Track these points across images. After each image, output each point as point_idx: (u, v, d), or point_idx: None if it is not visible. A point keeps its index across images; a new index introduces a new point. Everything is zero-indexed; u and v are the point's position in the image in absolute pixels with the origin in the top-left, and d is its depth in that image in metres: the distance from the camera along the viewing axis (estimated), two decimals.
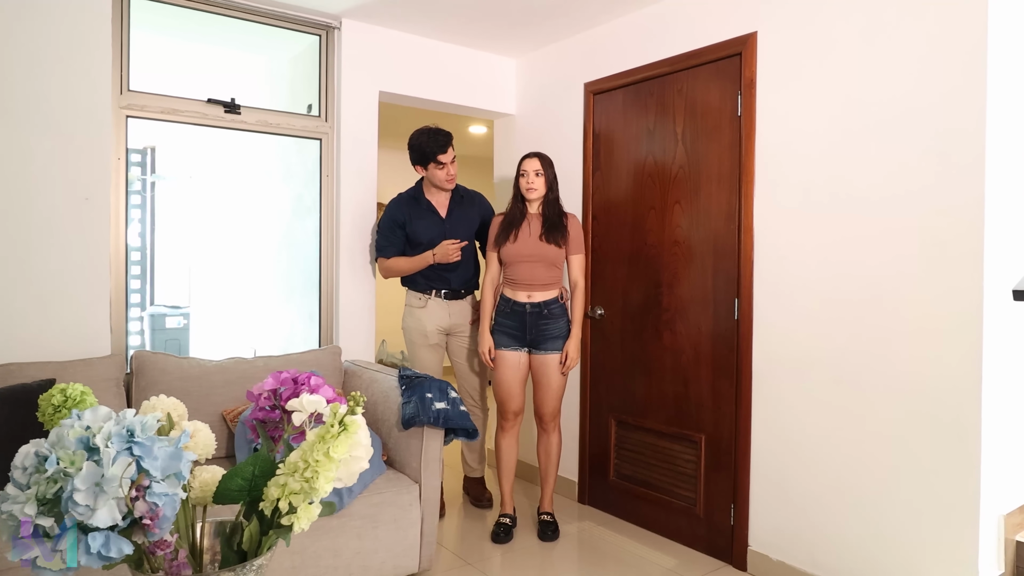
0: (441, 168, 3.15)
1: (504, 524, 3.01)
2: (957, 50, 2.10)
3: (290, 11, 3.16)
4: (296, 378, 1.21)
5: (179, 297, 6.33)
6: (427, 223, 3.23)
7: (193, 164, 5.74)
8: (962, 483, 2.09)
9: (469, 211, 3.34)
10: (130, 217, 6.98)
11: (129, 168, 7.07)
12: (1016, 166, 2.19)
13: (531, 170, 2.93)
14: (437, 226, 3.24)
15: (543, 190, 2.94)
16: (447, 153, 3.14)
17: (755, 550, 2.67)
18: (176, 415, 1.17)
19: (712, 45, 2.81)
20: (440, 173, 3.16)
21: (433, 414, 2.50)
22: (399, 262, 3.22)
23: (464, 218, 3.31)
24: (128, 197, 2.84)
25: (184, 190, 6.07)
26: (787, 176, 2.57)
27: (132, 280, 6.72)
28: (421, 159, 3.16)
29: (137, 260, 6.72)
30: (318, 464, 0.92)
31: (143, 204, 6.71)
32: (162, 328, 6.33)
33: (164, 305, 6.44)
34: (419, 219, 3.23)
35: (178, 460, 0.91)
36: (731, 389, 2.75)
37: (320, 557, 2.28)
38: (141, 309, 6.70)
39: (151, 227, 6.64)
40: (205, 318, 5.86)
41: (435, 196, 3.28)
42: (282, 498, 0.93)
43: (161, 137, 6.20)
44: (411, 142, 3.17)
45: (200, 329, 5.96)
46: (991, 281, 2.07)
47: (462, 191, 3.36)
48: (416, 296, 3.28)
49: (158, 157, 6.52)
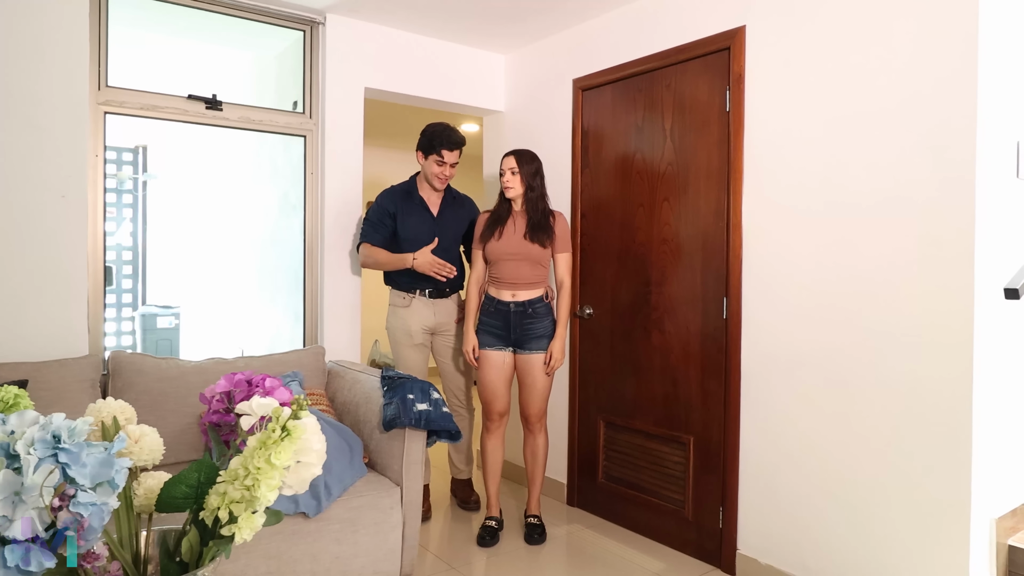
0: (440, 164, 3.12)
1: (490, 527, 2.96)
2: (948, 44, 2.05)
3: (273, 6, 3.11)
4: (251, 380, 1.17)
5: (170, 297, 6.28)
6: (417, 219, 3.18)
7: (183, 163, 5.69)
8: (953, 486, 2.04)
9: (460, 213, 3.29)
10: (122, 216, 6.89)
11: (120, 167, 6.96)
12: (1008, 162, 2.14)
13: (507, 168, 2.91)
14: (427, 223, 3.19)
15: (520, 188, 2.90)
16: (452, 153, 3.12)
17: (744, 554, 2.62)
18: (123, 419, 1.12)
19: (700, 39, 2.76)
20: (436, 169, 3.13)
21: (415, 415, 2.45)
22: (380, 253, 3.14)
23: (455, 219, 3.26)
24: (106, 195, 2.79)
25: (174, 189, 6.02)
26: (776, 172, 2.52)
27: (124, 280, 6.67)
28: (427, 147, 3.13)
29: (129, 260, 6.67)
30: (259, 472, 0.87)
31: (135, 203, 6.65)
32: (153, 328, 6.28)
33: (156, 305, 6.39)
34: (410, 214, 3.18)
35: (110, 467, 0.86)
36: (720, 389, 2.70)
37: (298, 562, 2.22)
38: (133, 309, 6.65)
39: (143, 226, 6.59)
40: (195, 318, 5.81)
41: (428, 193, 3.23)
42: (221, 507, 0.88)
43: (153, 136, 6.15)
44: (425, 129, 3.16)
45: (190, 329, 5.91)
46: (982, 279, 2.02)
47: (454, 193, 3.32)
48: (400, 295, 3.23)
49: (150, 156, 6.48)
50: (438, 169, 3.13)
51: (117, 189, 6.40)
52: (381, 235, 3.16)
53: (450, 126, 3.13)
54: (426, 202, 3.22)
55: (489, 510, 3.04)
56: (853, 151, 2.28)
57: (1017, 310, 2.18)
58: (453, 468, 3.44)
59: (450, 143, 3.09)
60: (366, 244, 3.16)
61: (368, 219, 3.19)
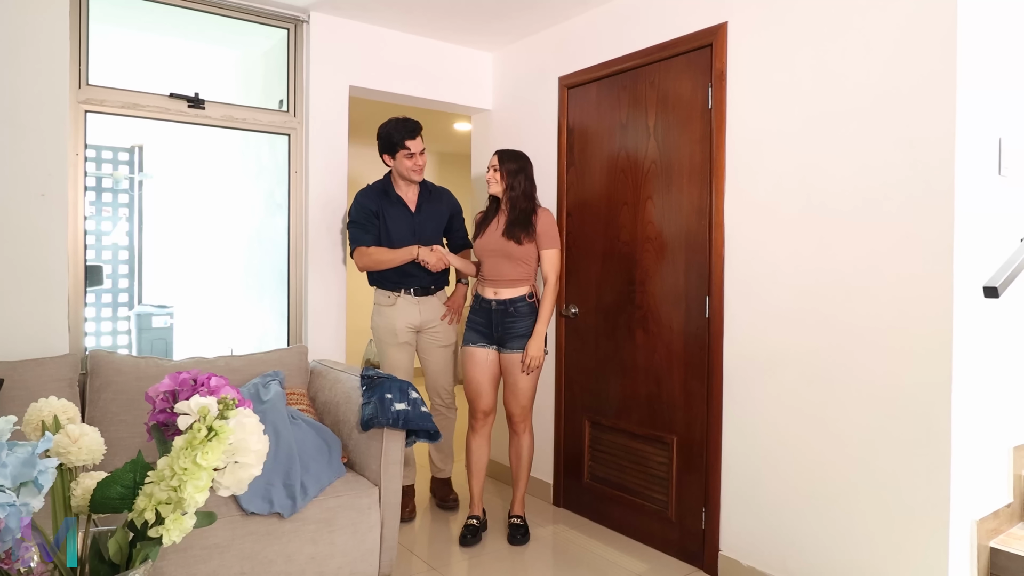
0: (410, 157, 3.06)
1: (472, 526, 2.95)
2: (927, 41, 2.02)
3: (257, 4, 3.09)
4: (196, 378, 1.15)
5: (165, 296, 6.28)
6: (396, 217, 3.16)
7: (176, 162, 5.69)
8: (931, 487, 2.01)
9: (438, 206, 3.27)
10: (118, 216, 6.88)
11: (116, 167, 6.95)
12: (990, 159, 2.11)
13: (490, 166, 2.94)
14: (406, 219, 3.17)
15: (501, 186, 2.91)
16: (416, 141, 3.06)
17: (726, 555, 2.59)
18: (65, 418, 1.11)
19: (683, 36, 2.74)
20: (408, 163, 3.07)
21: (392, 415, 2.43)
22: (381, 252, 3.08)
23: (433, 213, 3.24)
24: (86, 193, 2.78)
25: (168, 188, 6.02)
26: (757, 170, 2.49)
27: (120, 279, 6.67)
28: (389, 147, 3.08)
29: (125, 259, 6.67)
30: (185, 472, 0.86)
31: (130, 203, 6.66)
32: (149, 327, 6.28)
33: (151, 304, 6.39)
34: (388, 213, 3.15)
35: (32, 467, 0.84)
36: (702, 389, 2.68)
37: (272, 563, 2.21)
38: (128, 308, 6.65)
39: (139, 226, 6.59)
40: (187, 317, 5.81)
41: (404, 190, 3.19)
42: (147, 508, 0.87)
43: (148, 136, 6.15)
44: (380, 131, 3.10)
45: (183, 328, 5.91)
46: (962, 277, 1.99)
47: (430, 186, 3.29)
48: (386, 295, 3.20)
49: (146, 155, 6.47)
50: (410, 162, 3.07)
51: (113, 189, 6.41)
52: (372, 235, 3.12)
53: (400, 118, 3.08)
54: (403, 199, 3.18)
55: (472, 509, 3.02)
56: (832, 149, 2.26)
57: (997, 308, 2.15)
58: (432, 467, 3.42)
59: (410, 132, 3.04)
60: (360, 248, 3.10)
61: (354, 222, 3.13)
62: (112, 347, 6.04)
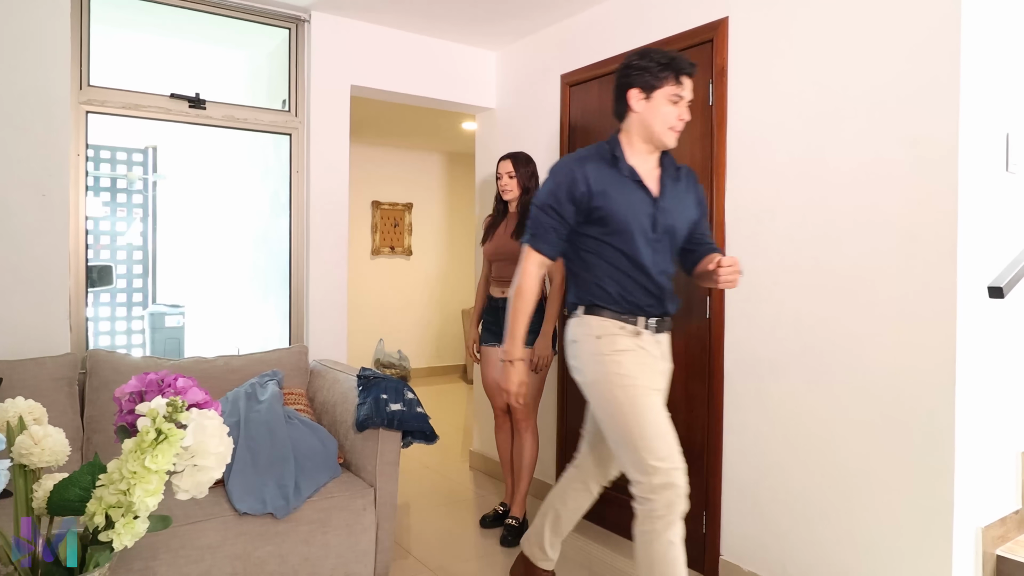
0: (677, 100, 1.96)
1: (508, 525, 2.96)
2: (932, 35, 1.97)
3: (258, 4, 3.10)
4: (163, 379, 1.14)
5: (177, 296, 6.34)
6: (630, 199, 1.97)
7: (187, 163, 5.74)
8: (935, 493, 1.95)
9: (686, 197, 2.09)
10: (132, 216, 6.96)
11: (131, 168, 7.03)
12: (997, 155, 2.05)
13: (504, 172, 2.95)
14: (645, 206, 1.98)
15: (517, 191, 2.95)
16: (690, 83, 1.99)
17: (727, 559, 2.55)
18: (31, 418, 1.10)
19: (684, 32, 2.69)
20: (671, 111, 1.96)
21: (387, 416, 2.42)
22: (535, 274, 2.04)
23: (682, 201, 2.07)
24: (87, 193, 2.80)
25: (180, 189, 6.08)
26: (759, 167, 2.44)
27: (135, 279, 6.74)
28: (652, 78, 1.94)
29: (139, 259, 6.74)
30: (134, 476, 0.84)
31: (144, 203, 6.73)
32: (162, 327, 6.34)
33: (164, 304, 6.45)
34: (618, 191, 1.97)
35: None
36: (703, 391, 2.63)
37: (265, 563, 2.21)
38: (143, 308, 6.72)
39: (153, 226, 6.66)
40: (199, 317, 5.86)
41: (641, 161, 2.02)
42: (97, 512, 0.85)
43: (162, 137, 6.21)
44: (631, 60, 1.99)
45: (194, 328, 5.97)
46: (966, 277, 1.93)
47: (674, 161, 2.14)
48: (618, 325, 1.99)
49: (159, 157, 6.54)
50: (673, 111, 1.96)
51: (128, 189, 6.48)
52: (558, 236, 2.02)
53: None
54: (639, 173, 2.01)
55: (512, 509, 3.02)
56: (834, 146, 2.21)
57: (1003, 309, 2.08)
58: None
59: (690, 67, 1.98)
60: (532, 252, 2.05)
61: (547, 205, 2.01)
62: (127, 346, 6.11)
